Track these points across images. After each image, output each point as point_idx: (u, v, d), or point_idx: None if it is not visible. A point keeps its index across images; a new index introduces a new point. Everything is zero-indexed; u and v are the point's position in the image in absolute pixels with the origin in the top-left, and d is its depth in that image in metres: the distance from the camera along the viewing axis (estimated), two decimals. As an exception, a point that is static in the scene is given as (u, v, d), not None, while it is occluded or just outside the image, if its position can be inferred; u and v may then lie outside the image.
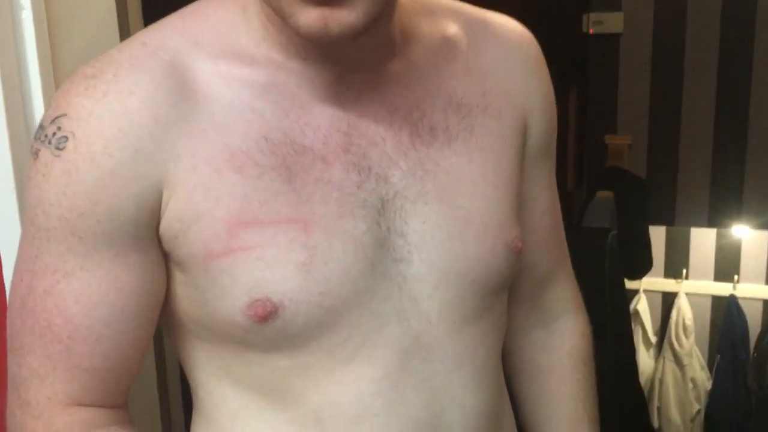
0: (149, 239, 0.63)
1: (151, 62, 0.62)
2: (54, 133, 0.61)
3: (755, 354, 2.77)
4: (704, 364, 2.89)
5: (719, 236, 2.76)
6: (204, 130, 0.62)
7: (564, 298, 0.89)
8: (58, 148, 0.61)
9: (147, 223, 0.63)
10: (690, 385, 2.85)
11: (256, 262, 0.63)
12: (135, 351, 0.67)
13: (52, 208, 0.61)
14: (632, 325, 2.72)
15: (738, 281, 2.78)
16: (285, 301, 0.63)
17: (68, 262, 0.62)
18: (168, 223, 0.63)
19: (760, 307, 2.84)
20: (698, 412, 2.85)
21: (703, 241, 2.80)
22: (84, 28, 0.99)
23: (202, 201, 0.62)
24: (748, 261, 2.79)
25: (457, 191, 0.70)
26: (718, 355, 2.84)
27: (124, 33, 1.05)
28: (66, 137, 0.60)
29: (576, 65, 2.50)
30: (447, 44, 0.73)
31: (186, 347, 0.71)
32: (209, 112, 0.63)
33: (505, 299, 0.78)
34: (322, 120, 0.66)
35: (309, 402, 0.69)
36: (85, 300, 0.63)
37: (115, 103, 0.60)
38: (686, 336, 2.85)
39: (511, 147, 0.74)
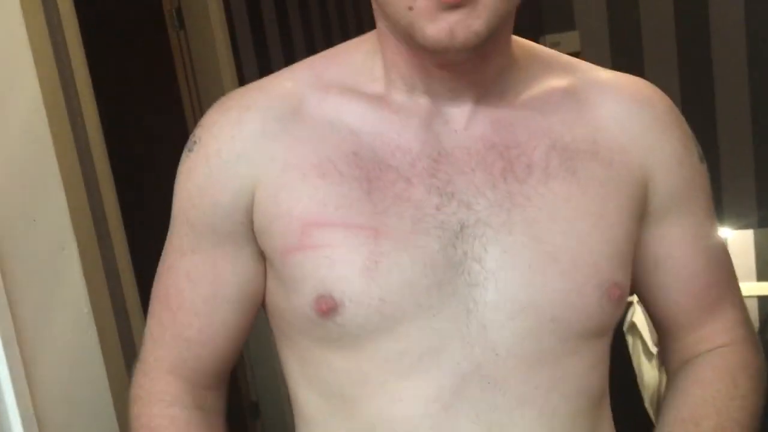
0: (244, 234, 0.73)
1: (274, 88, 0.74)
2: (193, 140, 0.74)
3: (757, 352, 2.74)
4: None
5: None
6: (300, 142, 0.71)
7: (723, 331, 0.83)
8: (189, 150, 0.74)
9: (241, 218, 0.72)
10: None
11: (323, 260, 0.68)
12: (227, 334, 0.77)
13: (179, 199, 0.75)
14: (631, 338, 2.69)
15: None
16: (346, 300, 0.67)
17: (185, 244, 0.75)
18: (258, 219, 0.72)
19: (755, 304, 2.82)
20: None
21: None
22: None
23: (285, 200, 0.70)
24: (736, 261, 2.77)
25: (548, 227, 0.70)
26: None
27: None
28: (195, 141, 0.74)
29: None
30: (560, 95, 0.74)
31: (282, 350, 0.78)
32: (310, 128, 0.71)
33: (599, 348, 0.75)
34: (414, 146, 0.70)
35: (365, 413, 0.71)
36: (192, 277, 0.75)
37: (234, 115, 0.72)
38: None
39: (622, 197, 0.74)
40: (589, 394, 0.75)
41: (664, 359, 0.87)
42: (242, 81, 2.23)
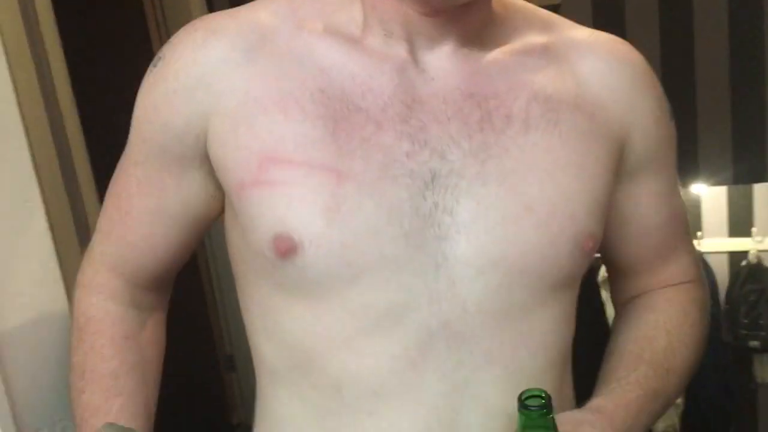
0: (192, 158, 0.72)
1: (247, 16, 0.71)
2: (158, 56, 0.73)
3: (727, 307, 2.81)
4: (678, 322, 2.92)
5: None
6: (265, 75, 0.68)
7: (676, 274, 0.85)
8: (153, 66, 0.73)
9: (192, 143, 0.71)
10: (666, 344, 2.87)
11: (281, 198, 0.66)
12: (167, 247, 0.79)
13: (137, 112, 0.75)
14: (605, 291, 2.73)
15: (702, 237, 2.81)
16: (305, 241, 0.65)
17: (138, 155, 0.76)
18: (214, 150, 0.70)
19: (725, 260, 2.87)
20: (677, 370, 2.88)
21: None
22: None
23: (243, 133, 0.68)
24: (709, 217, 2.81)
25: (525, 178, 0.68)
26: (690, 312, 2.86)
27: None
28: (160, 58, 0.73)
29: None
30: (540, 49, 0.73)
31: (243, 298, 0.77)
32: (277, 62, 0.69)
33: (567, 299, 0.74)
34: (387, 89, 0.68)
35: (330, 368, 0.69)
36: (142, 187, 0.76)
37: (199, 37, 0.71)
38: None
39: (602, 150, 0.73)
40: (557, 348, 0.74)
41: (613, 295, 0.89)
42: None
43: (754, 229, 2.76)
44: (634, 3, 2.37)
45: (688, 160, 2.38)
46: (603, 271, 2.89)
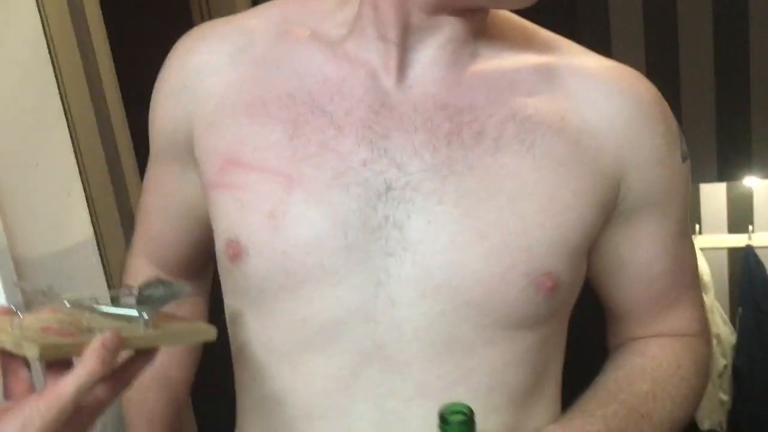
0: (186, 160, 0.74)
1: (239, 22, 0.72)
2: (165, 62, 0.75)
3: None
4: (726, 318, 2.84)
5: (729, 189, 2.69)
6: (242, 79, 0.69)
7: (676, 326, 0.78)
8: (161, 72, 0.75)
9: (183, 145, 0.73)
10: (714, 340, 2.80)
11: (234, 202, 0.66)
12: (183, 240, 0.83)
13: (149, 113, 0.77)
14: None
15: (753, 231, 2.72)
16: (250, 248, 0.65)
17: (151, 155, 0.79)
18: (197, 152, 0.71)
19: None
20: (725, 367, 2.81)
21: (713, 195, 2.74)
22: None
23: (213, 136, 0.69)
24: (761, 210, 2.73)
25: (484, 201, 0.63)
26: (740, 308, 2.79)
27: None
28: (164, 65, 0.74)
29: (564, 25, 2.42)
30: (533, 69, 0.68)
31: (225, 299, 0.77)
32: (257, 67, 0.69)
33: (527, 342, 0.67)
34: (356, 93, 0.66)
35: (269, 382, 0.68)
36: (152, 187, 0.81)
37: (188, 43, 0.73)
38: (705, 292, 2.79)
39: (583, 182, 0.66)
40: (508, 391, 0.68)
41: (608, 336, 0.81)
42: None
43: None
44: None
45: (741, 150, 2.31)
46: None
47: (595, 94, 0.68)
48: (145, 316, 0.58)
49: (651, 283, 0.75)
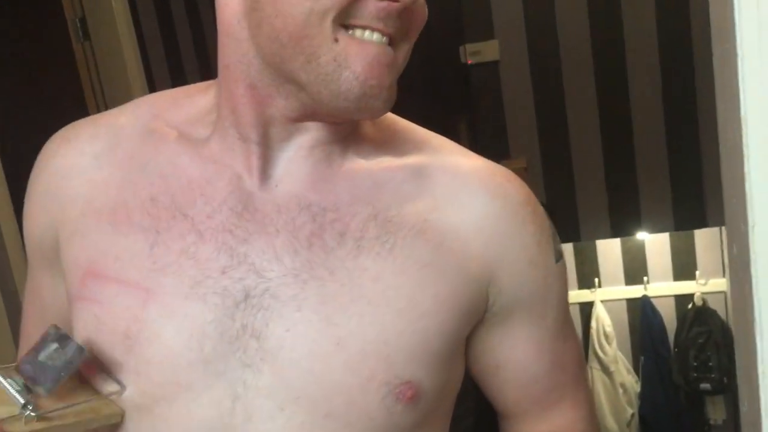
0: (57, 268, 0.69)
1: (107, 122, 0.69)
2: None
3: (676, 350, 2.85)
4: (630, 367, 2.95)
5: (624, 244, 2.83)
6: (108, 183, 0.66)
7: (560, 425, 0.76)
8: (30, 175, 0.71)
9: (49, 252, 0.69)
10: (620, 390, 2.88)
11: (92, 319, 0.63)
12: None
13: None
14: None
15: (648, 282, 2.86)
16: (110, 367, 0.62)
17: (28, 265, 0.75)
18: (62, 259, 0.67)
19: (672, 303, 2.92)
20: (632, 415, 2.89)
21: (609, 250, 2.87)
22: None
23: (76, 245, 0.65)
24: (654, 262, 2.87)
25: (345, 308, 0.61)
26: (642, 357, 2.90)
27: None
28: (33, 168, 0.71)
29: (460, 95, 2.50)
30: (402, 169, 0.66)
31: None
32: (124, 169, 0.66)
33: None
34: (219, 195, 0.63)
35: None
36: (28, 295, 0.76)
37: (54, 146, 0.69)
38: (608, 342, 2.89)
39: (444, 285, 0.64)
40: None
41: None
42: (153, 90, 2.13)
43: (697, 272, 2.84)
44: (570, 55, 2.43)
45: (630, 208, 2.43)
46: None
47: (463, 194, 0.66)
48: (30, 409, 0.55)
49: (530, 385, 0.73)
